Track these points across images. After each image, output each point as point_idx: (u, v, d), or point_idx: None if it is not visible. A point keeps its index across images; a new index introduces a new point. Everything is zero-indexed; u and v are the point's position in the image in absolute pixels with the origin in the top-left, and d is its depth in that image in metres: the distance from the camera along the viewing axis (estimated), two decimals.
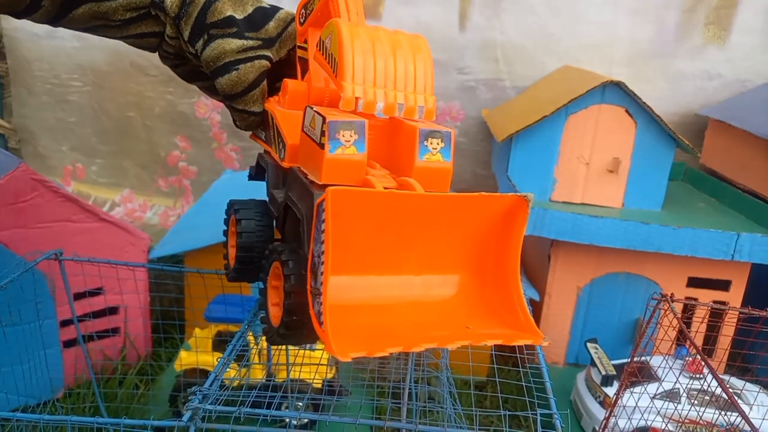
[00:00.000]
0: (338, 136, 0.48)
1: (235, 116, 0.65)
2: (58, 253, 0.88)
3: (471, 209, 0.49)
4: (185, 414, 0.56)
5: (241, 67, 0.61)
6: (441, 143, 0.51)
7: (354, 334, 0.44)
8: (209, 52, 0.61)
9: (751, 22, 1.50)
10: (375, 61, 0.50)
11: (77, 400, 1.11)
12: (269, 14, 0.65)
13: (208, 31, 0.61)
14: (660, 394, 0.96)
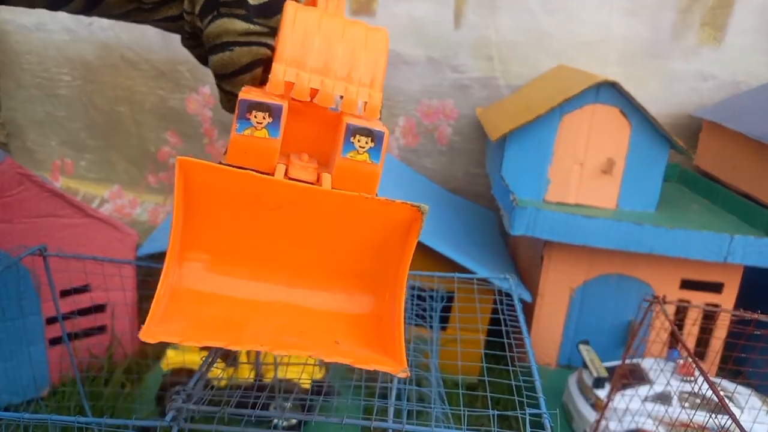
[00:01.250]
0: (249, 116, 0.45)
1: (222, 96, 0.65)
2: (42, 248, 0.86)
3: (358, 212, 0.45)
4: (168, 414, 0.55)
5: (236, 49, 0.61)
6: (370, 143, 0.47)
7: (189, 321, 0.41)
8: (212, 28, 0.61)
9: (746, 24, 1.50)
10: (318, 46, 0.47)
11: (62, 398, 1.09)
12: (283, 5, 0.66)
13: (218, 8, 0.61)
14: (651, 397, 0.95)
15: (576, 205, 1.25)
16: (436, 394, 0.75)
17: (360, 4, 1.50)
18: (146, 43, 1.51)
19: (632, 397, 0.93)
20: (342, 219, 0.46)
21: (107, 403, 1.09)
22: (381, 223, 0.46)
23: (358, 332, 0.47)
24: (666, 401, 0.94)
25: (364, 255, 0.47)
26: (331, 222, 0.46)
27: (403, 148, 1.59)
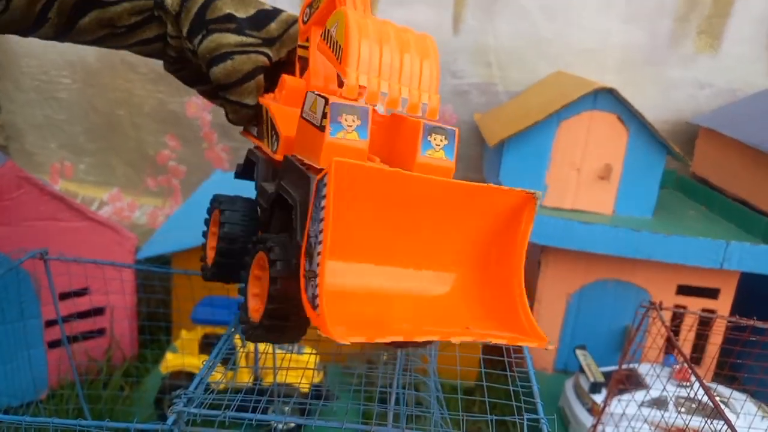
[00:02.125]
0: (340, 119, 0.46)
1: (227, 108, 0.65)
2: (43, 252, 0.86)
3: (477, 201, 0.47)
4: (170, 417, 0.55)
5: (237, 57, 0.61)
6: (444, 140, 0.49)
7: (350, 320, 0.42)
8: (206, 44, 0.61)
9: (742, 32, 1.51)
10: (381, 52, 0.49)
11: (61, 401, 1.09)
12: (272, 15, 0.65)
13: (207, 27, 0.61)
14: (647, 402, 0.95)
15: (573, 211, 1.25)
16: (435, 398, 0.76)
17: None
18: None
19: (628, 402, 0.93)
20: (461, 208, 0.47)
21: (106, 405, 1.09)
22: (496, 210, 0.47)
23: (484, 316, 0.48)
24: (662, 406, 0.95)
25: (480, 241, 0.49)
26: (451, 212, 0.47)
27: None
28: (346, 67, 0.48)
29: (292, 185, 0.50)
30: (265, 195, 0.56)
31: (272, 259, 0.48)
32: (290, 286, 0.46)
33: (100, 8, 0.61)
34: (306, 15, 0.62)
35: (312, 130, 0.48)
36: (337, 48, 0.49)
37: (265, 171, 0.59)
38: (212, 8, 0.61)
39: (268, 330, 0.50)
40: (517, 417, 0.52)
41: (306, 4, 0.62)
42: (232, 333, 0.67)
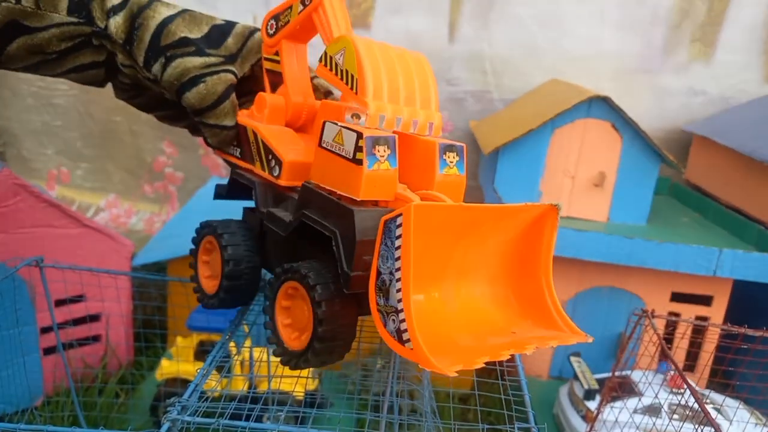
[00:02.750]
0: (374, 151, 0.48)
1: (206, 132, 0.63)
2: (39, 259, 0.87)
3: (511, 218, 0.50)
4: (163, 425, 0.55)
5: (208, 80, 0.60)
6: (456, 157, 0.54)
7: (438, 348, 0.43)
8: (171, 71, 0.59)
9: (735, 40, 1.52)
10: (389, 78, 0.52)
11: (56, 408, 1.09)
12: (226, 30, 0.64)
13: (164, 53, 0.60)
14: (640, 409, 0.96)
15: (567, 218, 1.26)
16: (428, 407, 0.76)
17: (356, 18, 1.51)
18: None
19: (621, 409, 0.94)
20: (499, 226, 0.50)
21: (101, 413, 1.09)
22: (525, 223, 0.50)
23: (528, 322, 0.51)
24: (655, 413, 0.95)
25: (513, 253, 0.52)
26: (492, 231, 0.50)
27: None
28: (364, 98, 0.51)
29: (324, 216, 0.51)
30: (280, 223, 0.57)
31: (312, 285, 0.49)
32: (335, 308, 0.49)
33: (27, 34, 0.59)
34: (272, 27, 0.62)
35: (341, 162, 0.50)
36: (348, 77, 0.51)
37: (265, 196, 0.60)
38: (165, 34, 0.60)
39: (318, 353, 0.51)
40: (509, 426, 0.52)
41: (270, 16, 0.62)
42: (226, 340, 0.67)
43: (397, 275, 0.42)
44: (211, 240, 0.63)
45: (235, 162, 0.64)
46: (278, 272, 0.54)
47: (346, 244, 0.48)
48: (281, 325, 0.55)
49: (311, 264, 0.52)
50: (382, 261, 0.44)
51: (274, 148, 0.58)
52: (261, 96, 0.62)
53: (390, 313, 0.43)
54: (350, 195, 0.49)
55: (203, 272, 0.65)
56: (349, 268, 0.48)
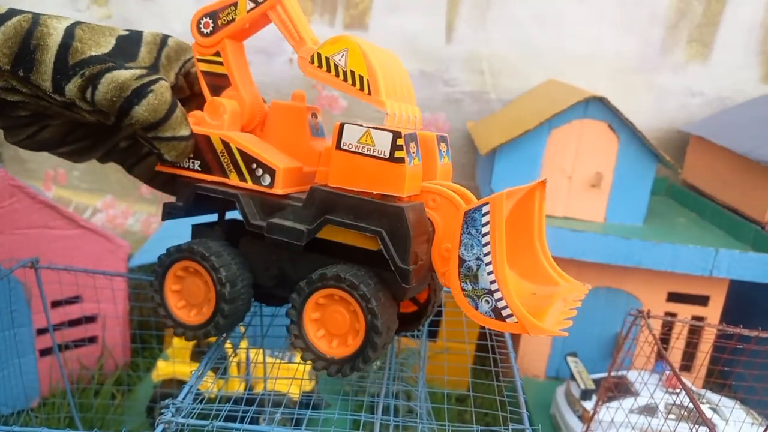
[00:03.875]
0: (410, 148, 0.50)
1: (163, 148, 0.57)
2: (34, 261, 0.86)
3: (525, 198, 0.55)
4: (157, 427, 0.55)
5: (155, 88, 0.55)
6: (446, 146, 0.58)
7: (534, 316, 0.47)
8: (105, 88, 0.53)
9: (732, 41, 1.53)
10: (390, 77, 0.53)
11: (52, 409, 1.09)
12: (135, 40, 0.58)
13: (79, 73, 0.54)
14: (636, 409, 0.96)
15: (564, 219, 1.26)
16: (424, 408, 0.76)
17: (353, 18, 1.51)
18: None
19: (617, 409, 0.94)
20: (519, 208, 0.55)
21: (97, 414, 1.09)
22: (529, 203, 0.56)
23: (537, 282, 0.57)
24: (651, 413, 0.95)
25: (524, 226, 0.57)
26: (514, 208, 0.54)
27: None
28: (379, 97, 0.52)
29: (360, 218, 0.52)
30: (291, 233, 0.54)
31: (366, 295, 0.50)
32: (386, 307, 0.51)
33: None
34: (207, 26, 0.59)
35: (373, 162, 0.51)
36: (355, 78, 0.52)
37: (254, 208, 0.57)
38: (72, 53, 0.54)
39: (367, 360, 0.52)
40: (503, 428, 0.52)
41: (203, 13, 0.59)
42: (222, 342, 0.67)
43: (487, 259, 0.46)
44: (187, 266, 0.58)
45: (195, 176, 0.59)
46: (309, 282, 0.53)
47: (397, 241, 0.50)
48: (314, 337, 0.54)
49: (353, 270, 0.52)
50: (465, 249, 0.47)
51: (259, 157, 0.56)
52: (215, 102, 0.59)
53: (482, 295, 0.47)
54: (393, 193, 0.50)
55: (175, 303, 0.60)
56: (405, 264, 0.50)
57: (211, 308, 0.58)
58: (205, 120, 0.59)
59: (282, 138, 0.61)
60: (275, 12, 0.57)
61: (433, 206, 0.55)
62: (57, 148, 0.63)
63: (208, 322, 0.59)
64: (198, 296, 0.59)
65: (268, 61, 1.52)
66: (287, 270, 0.58)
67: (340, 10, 1.51)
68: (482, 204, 0.45)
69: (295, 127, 0.61)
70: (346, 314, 0.52)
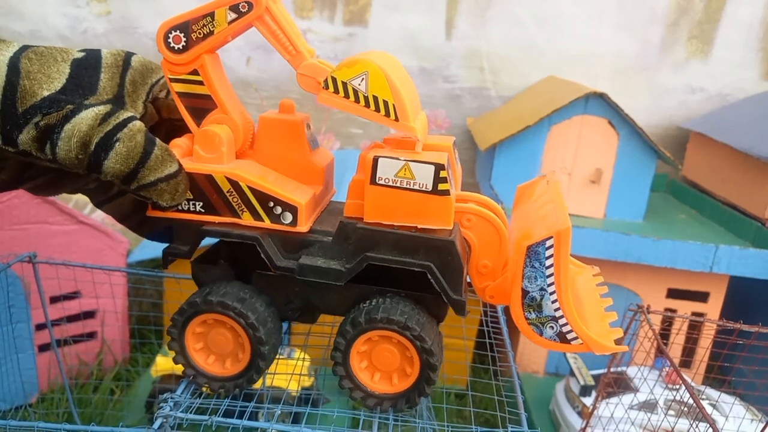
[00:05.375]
0: (447, 176, 0.48)
1: (153, 195, 0.49)
2: (32, 255, 0.86)
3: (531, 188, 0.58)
4: (156, 421, 0.55)
5: (122, 135, 0.47)
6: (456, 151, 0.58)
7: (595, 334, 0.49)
8: (66, 145, 0.46)
9: (733, 38, 1.52)
10: (408, 91, 0.50)
11: (50, 405, 1.09)
12: (92, 65, 0.50)
13: (31, 122, 0.46)
14: (636, 405, 0.96)
15: None
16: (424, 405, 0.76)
17: (353, 15, 1.51)
18: (140, 50, 1.51)
19: (617, 405, 0.94)
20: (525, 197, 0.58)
21: (96, 410, 1.09)
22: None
23: None
24: (651, 409, 0.95)
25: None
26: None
27: None
28: (407, 123, 0.48)
29: (404, 253, 0.50)
30: (329, 273, 0.51)
31: (421, 336, 0.49)
32: (436, 342, 0.50)
33: None
34: (178, 41, 0.51)
35: (415, 196, 0.49)
36: (379, 104, 0.48)
37: (276, 248, 0.53)
38: (21, 95, 0.46)
39: (422, 395, 0.52)
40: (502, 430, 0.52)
41: (170, 26, 0.51)
42: None
43: (551, 289, 0.47)
44: (208, 318, 0.53)
45: (200, 219, 0.53)
46: (356, 324, 0.50)
47: (448, 273, 0.49)
48: (358, 370, 0.53)
49: (391, 305, 0.50)
50: (528, 281, 0.47)
51: (276, 194, 0.51)
52: (209, 133, 0.51)
53: (546, 322, 0.48)
54: (439, 226, 0.49)
55: (201, 359, 0.55)
56: (459, 295, 0.50)
57: (247, 354, 0.54)
58: (198, 153, 0.51)
59: (279, 157, 0.55)
60: (263, 22, 0.50)
61: (468, 225, 0.54)
62: (20, 187, 0.55)
63: (244, 373, 0.54)
64: (227, 345, 0.54)
65: (266, 56, 1.51)
66: (314, 301, 0.55)
67: (339, 7, 1.51)
68: (546, 238, 0.46)
69: (293, 143, 0.55)
70: (396, 352, 0.51)
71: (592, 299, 0.53)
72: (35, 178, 0.54)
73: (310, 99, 1.55)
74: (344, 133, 1.58)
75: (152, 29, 1.47)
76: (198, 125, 0.53)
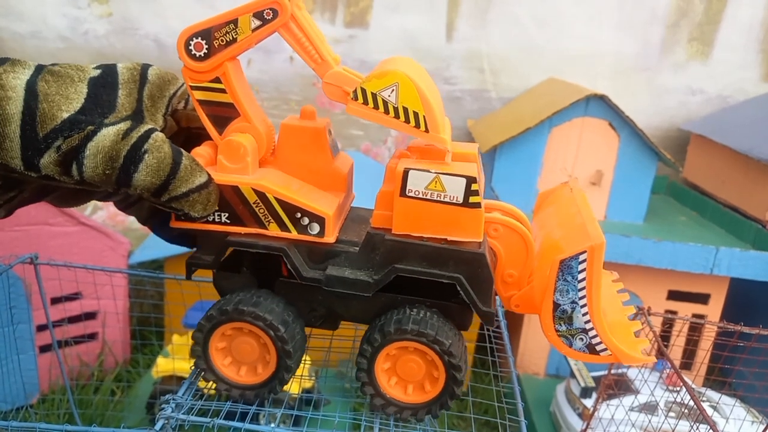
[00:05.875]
0: (479, 189, 0.48)
1: (185, 207, 0.48)
2: (33, 257, 0.86)
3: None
4: (158, 423, 0.55)
5: (148, 146, 0.46)
6: None
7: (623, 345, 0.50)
8: (91, 162, 0.45)
9: (733, 39, 1.53)
10: (435, 100, 0.49)
11: (51, 406, 1.09)
12: (110, 83, 0.49)
13: (53, 146, 0.45)
14: (637, 407, 0.96)
15: None
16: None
17: (354, 16, 1.51)
18: (141, 52, 1.52)
19: (618, 406, 0.94)
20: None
21: (97, 410, 1.09)
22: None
23: None
24: (651, 411, 0.95)
25: None
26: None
27: None
28: (438, 134, 0.48)
29: (434, 265, 0.50)
30: (358, 284, 0.51)
31: (450, 351, 0.49)
32: (463, 353, 0.51)
33: None
34: (200, 48, 0.49)
35: (445, 209, 0.48)
36: (409, 115, 0.48)
37: (304, 258, 0.52)
38: (42, 119, 0.45)
39: (444, 407, 0.52)
40: None
41: (191, 32, 0.49)
42: None
43: (582, 302, 0.47)
44: (233, 327, 0.53)
45: (225, 230, 0.52)
46: (384, 334, 0.50)
47: (478, 285, 0.49)
48: (387, 385, 0.52)
49: (419, 316, 0.50)
50: (560, 294, 0.48)
51: (304, 206, 0.50)
52: (234, 144, 0.50)
53: (576, 334, 0.49)
54: (469, 239, 0.49)
55: (222, 362, 0.55)
56: (488, 306, 0.50)
57: (271, 364, 0.53)
58: (223, 164, 0.51)
59: (301, 164, 0.54)
60: (288, 30, 0.49)
61: (494, 235, 0.54)
62: (42, 200, 0.55)
63: (268, 381, 0.54)
64: (252, 354, 0.54)
65: (267, 58, 1.52)
66: (337, 309, 0.55)
67: (340, 8, 1.51)
68: (579, 252, 0.46)
69: (316, 150, 0.54)
70: (422, 363, 0.51)
71: (615, 307, 0.54)
72: (56, 190, 0.54)
73: (311, 100, 1.55)
74: (345, 135, 1.58)
75: (153, 31, 1.47)
76: (220, 134, 0.52)
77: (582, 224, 0.49)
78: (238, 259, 0.57)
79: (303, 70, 1.53)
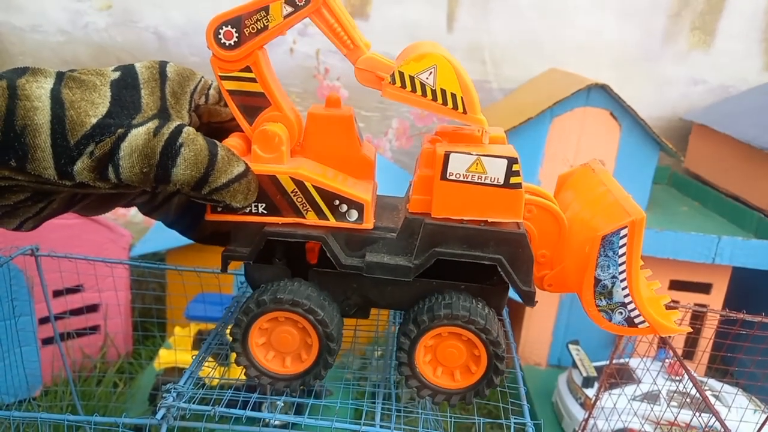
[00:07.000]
0: (519, 170, 0.48)
1: (226, 198, 0.48)
2: (34, 248, 0.86)
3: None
4: (159, 411, 0.55)
5: (182, 140, 0.46)
6: None
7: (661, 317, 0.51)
8: (128, 163, 0.45)
9: (735, 28, 1.52)
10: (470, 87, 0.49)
11: (54, 398, 1.09)
12: (131, 84, 0.49)
13: (86, 152, 0.45)
14: (639, 396, 0.96)
15: None
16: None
17: (354, 7, 1.50)
18: (142, 44, 1.52)
19: (620, 396, 0.94)
20: None
21: (99, 402, 1.09)
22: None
23: None
24: (653, 400, 0.95)
25: None
26: None
27: (396, 150, 1.60)
28: (475, 115, 0.49)
29: (474, 247, 0.50)
30: (398, 270, 0.51)
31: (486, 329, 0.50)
32: (502, 335, 0.51)
33: None
34: (229, 36, 0.49)
35: (486, 191, 0.49)
36: (447, 97, 0.48)
37: (341, 245, 0.52)
38: (71, 128, 0.45)
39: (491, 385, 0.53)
40: (505, 420, 0.52)
41: (221, 21, 0.49)
42: (222, 327, 0.67)
43: (622, 277, 0.49)
44: (275, 317, 0.52)
45: (262, 221, 0.52)
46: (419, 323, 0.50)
47: (519, 265, 0.50)
48: (430, 374, 0.53)
49: (454, 302, 0.50)
50: (601, 270, 0.49)
51: (343, 192, 0.50)
52: (269, 133, 0.50)
53: (615, 308, 0.50)
54: (510, 219, 0.50)
55: (262, 355, 0.54)
56: (529, 286, 0.50)
57: (314, 350, 0.53)
58: (257, 154, 0.50)
59: (330, 152, 0.54)
60: (320, 16, 0.49)
61: (528, 216, 0.54)
62: (68, 211, 0.55)
63: (310, 370, 0.54)
64: (292, 344, 0.54)
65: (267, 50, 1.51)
66: (372, 297, 0.55)
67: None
68: (620, 228, 0.47)
69: (344, 137, 0.54)
70: (462, 347, 0.51)
71: (643, 282, 0.54)
72: (85, 198, 0.54)
73: (311, 92, 1.55)
74: None
75: (153, 23, 1.47)
76: (250, 124, 0.52)
77: (616, 201, 0.50)
78: (270, 251, 0.56)
79: (303, 62, 1.52)
